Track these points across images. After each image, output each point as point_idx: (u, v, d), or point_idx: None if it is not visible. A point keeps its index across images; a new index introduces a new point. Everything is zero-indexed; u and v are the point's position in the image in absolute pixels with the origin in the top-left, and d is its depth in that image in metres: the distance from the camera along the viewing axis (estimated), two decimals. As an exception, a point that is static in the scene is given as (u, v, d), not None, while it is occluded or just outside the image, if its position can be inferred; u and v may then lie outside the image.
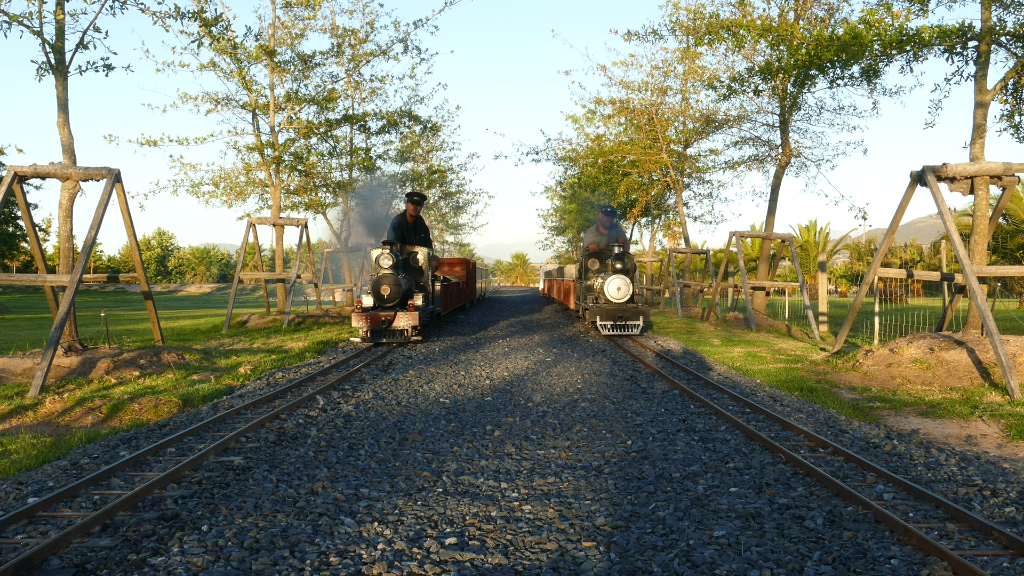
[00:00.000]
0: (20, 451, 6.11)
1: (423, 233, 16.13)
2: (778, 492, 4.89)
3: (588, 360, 11.93)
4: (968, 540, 4.04)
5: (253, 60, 19.03)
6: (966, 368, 9.74)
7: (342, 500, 4.72)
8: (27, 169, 10.20)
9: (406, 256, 15.28)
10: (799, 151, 21.61)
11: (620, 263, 15.51)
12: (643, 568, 3.69)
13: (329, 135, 22.03)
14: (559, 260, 52.27)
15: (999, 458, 5.89)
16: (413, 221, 15.81)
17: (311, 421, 7.12)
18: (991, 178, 10.23)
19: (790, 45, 15.06)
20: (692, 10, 18.98)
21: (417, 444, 6.29)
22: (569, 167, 28.69)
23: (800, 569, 3.67)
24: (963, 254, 9.42)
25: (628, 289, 15.33)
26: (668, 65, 23.73)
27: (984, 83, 11.94)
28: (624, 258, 15.52)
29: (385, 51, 21.71)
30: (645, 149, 24.56)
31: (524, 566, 3.72)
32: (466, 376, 10.24)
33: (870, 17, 12.90)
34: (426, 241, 16.14)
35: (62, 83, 11.62)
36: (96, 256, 75.56)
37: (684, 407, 7.95)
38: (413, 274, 15.18)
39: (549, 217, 47.24)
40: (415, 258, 15.46)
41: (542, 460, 5.81)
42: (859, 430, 6.83)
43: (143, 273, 11.54)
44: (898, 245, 53.33)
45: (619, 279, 15.37)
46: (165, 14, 13.74)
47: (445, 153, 30.73)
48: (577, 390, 9.11)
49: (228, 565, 3.67)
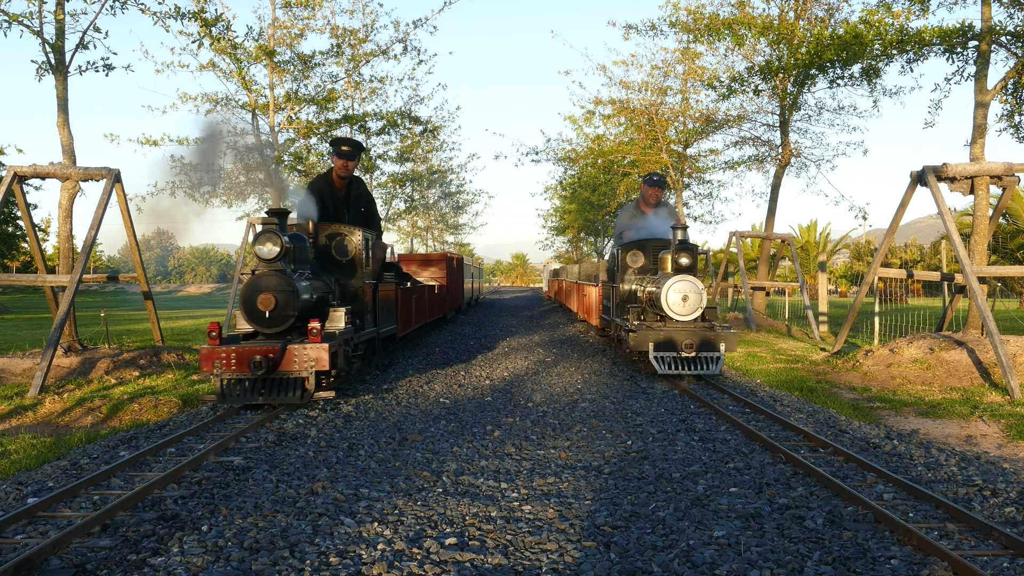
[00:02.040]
0: (20, 451, 6.11)
1: (363, 205, 10.29)
2: (778, 492, 4.89)
3: (588, 360, 11.92)
4: (968, 540, 4.03)
5: (253, 60, 19.03)
6: (966, 368, 9.73)
7: (342, 500, 4.71)
8: (27, 169, 10.20)
9: (326, 241, 9.28)
10: (799, 151, 21.61)
11: (686, 256, 9.71)
12: (643, 568, 3.68)
13: (329, 135, 22.04)
14: (559, 259, 51.91)
15: (999, 458, 5.89)
16: (345, 186, 10.06)
17: (311, 421, 7.12)
18: (991, 178, 10.23)
19: (790, 44, 15.07)
20: (692, 10, 18.99)
21: (417, 444, 6.29)
22: (569, 167, 28.69)
23: (800, 569, 3.66)
24: (963, 254, 9.41)
25: (700, 298, 9.65)
26: (668, 65, 23.72)
27: (984, 83, 11.94)
28: (692, 250, 9.80)
29: (385, 51, 21.72)
30: (645, 149, 24.57)
31: (524, 566, 3.72)
32: (466, 376, 10.23)
33: (870, 17, 12.91)
34: (368, 219, 10.29)
35: (62, 83, 11.62)
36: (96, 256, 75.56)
37: (684, 407, 7.94)
38: (335, 273, 9.15)
39: (549, 217, 47.23)
40: (342, 245, 9.26)
41: (542, 460, 5.80)
42: (859, 430, 6.82)
43: (143, 273, 11.54)
44: (898, 245, 53.40)
45: (685, 284, 9.57)
46: (165, 14, 13.74)
47: (445, 153, 30.74)
48: (577, 390, 9.11)
49: (228, 565, 3.67)
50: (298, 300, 7.51)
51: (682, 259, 9.76)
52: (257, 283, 7.51)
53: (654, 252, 11.43)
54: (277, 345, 7.36)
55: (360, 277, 9.37)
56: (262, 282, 7.50)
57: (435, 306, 17.37)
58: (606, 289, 13.46)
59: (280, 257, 7.55)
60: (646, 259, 11.53)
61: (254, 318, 7.51)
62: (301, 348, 7.36)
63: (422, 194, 34.57)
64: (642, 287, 10.81)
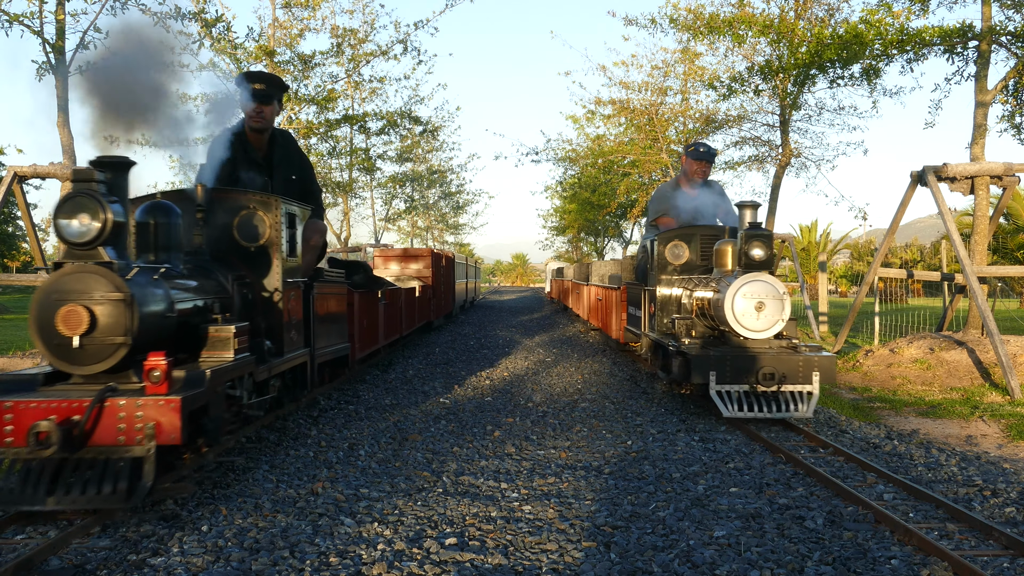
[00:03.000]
0: (20, 451, 6.10)
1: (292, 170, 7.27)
2: (778, 492, 4.89)
3: (588, 360, 11.92)
4: (968, 540, 4.04)
5: (253, 60, 19.04)
6: (966, 368, 9.73)
7: (342, 500, 4.72)
8: (27, 169, 10.20)
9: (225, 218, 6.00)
10: (799, 151, 21.61)
11: (760, 247, 6.97)
12: (643, 568, 3.68)
13: (329, 135, 22.04)
14: (560, 259, 51.61)
15: (999, 458, 5.89)
16: (266, 143, 7.15)
17: (311, 421, 7.12)
18: (992, 178, 10.23)
19: (790, 44, 15.07)
20: (691, 11, 18.98)
21: (417, 444, 6.29)
22: (569, 167, 28.69)
23: (800, 569, 3.67)
24: (963, 254, 9.42)
25: (780, 307, 6.94)
26: (668, 65, 23.72)
27: (985, 83, 11.95)
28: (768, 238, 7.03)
29: (385, 51, 21.72)
30: (645, 149, 24.57)
31: (524, 566, 3.72)
32: (466, 376, 10.24)
33: (870, 17, 12.92)
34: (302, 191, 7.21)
35: (62, 83, 11.63)
36: (96, 256, 75.48)
37: (684, 407, 7.94)
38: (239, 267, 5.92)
39: (549, 217, 47.21)
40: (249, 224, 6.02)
41: (542, 460, 5.80)
42: (859, 430, 6.82)
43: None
44: (898, 245, 53.37)
45: (760, 286, 6.91)
46: (165, 15, 13.74)
47: (445, 153, 30.74)
48: (577, 390, 9.11)
49: (228, 565, 3.67)
50: (135, 316, 4.25)
51: (755, 250, 6.85)
52: (56, 288, 4.24)
53: (705, 243, 8.60)
54: (86, 400, 4.10)
55: (276, 274, 5.94)
56: (64, 285, 4.23)
57: (416, 312, 14.34)
58: (633, 292, 10.49)
59: (100, 240, 4.27)
60: (693, 253, 8.74)
61: (53, 348, 4.25)
62: (130, 404, 4.12)
63: (422, 194, 34.57)
64: (689, 291, 7.99)
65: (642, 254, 9.92)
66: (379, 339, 10.50)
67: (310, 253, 6.99)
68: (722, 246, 7.61)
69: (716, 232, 8.62)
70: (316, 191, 7.59)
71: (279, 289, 5.98)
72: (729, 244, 7.54)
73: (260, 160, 7.04)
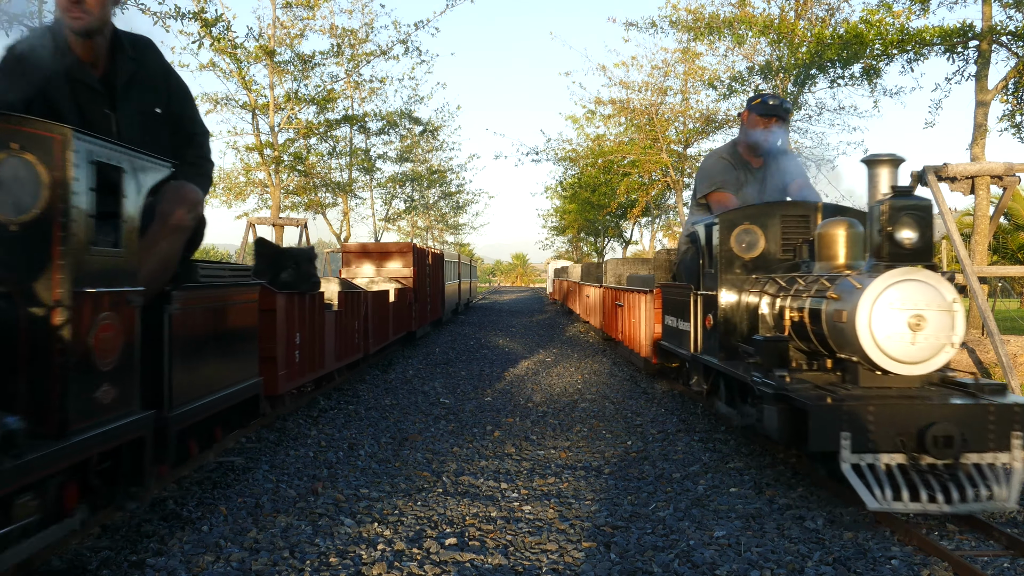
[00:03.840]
0: (20, 451, 6.10)
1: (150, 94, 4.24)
2: (779, 492, 4.89)
3: (588, 360, 11.92)
4: (969, 540, 4.03)
5: (253, 60, 19.04)
6: (966, 368, 9.73)
7: (342, 500, 4.71)
8: (27, 169, 10.17)
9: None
10: (800, 151, 21.62)
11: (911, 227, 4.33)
12: (643, 568, 3.68)
13: (329, 135, 22.04)
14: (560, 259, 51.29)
15: (1000, 458, 5.88)
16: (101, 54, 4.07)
17: (311, 421, 7.12)
18: (992, 178, 10.22)
19: (791, 44, 15.07)
20: (692, 11, 18.98)
21: (417, 444, 6.29)
22: (569, 167, 28.69)
23: (800, 569, 3.66)
24: (964, 254, 9.41)
25: (951, 323, 4.29)
26: (668, 65, 23.72)
27: (985, 83, 11.95)
28: (925, 211, 4.39)
29: (385, 52, 21.71)
30: (645, 149, 24.57)
31: (524, 566, 3.72)
32: (466, 376, 10.24)
33: (871, 17, 12.92)
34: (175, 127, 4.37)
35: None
36: (96, 256, 75.48)
37: (684, 407, 7.94)
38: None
39: (549, 217, 47.20)
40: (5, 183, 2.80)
41: (542, 460, 5.80)
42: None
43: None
44: (898, 245, 53.25)
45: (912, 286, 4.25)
46: (165, 14, 13.74)
47: (445, 153, 30.73)
48: (577, 390, 9.11)
49: (228, 565, 3.67)
50: None
51: (904, 231, 4.37)
52: None
53: (790, 225, 6.05)
54: None
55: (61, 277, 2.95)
56: None
57: (390, 322, 11.39)
58: (673, 298, 7.78)
59: None
60: (771, 241, 6.02)
61: None
62: None
63: (422, 194, 34.56)
64: (772, 296, 5.62)
65: (687, 245, 7.47)
66: (326, 361, 7.73)
67: (168, 239, 4.02)
68: (831, 228, 5.21)
69: (805, 210, 6.10)
70: (199, 134, 4.64)
71: (65, 306, 2.97)
72: (843, 225, 5.17)
73: (95, 82, 4.11)
